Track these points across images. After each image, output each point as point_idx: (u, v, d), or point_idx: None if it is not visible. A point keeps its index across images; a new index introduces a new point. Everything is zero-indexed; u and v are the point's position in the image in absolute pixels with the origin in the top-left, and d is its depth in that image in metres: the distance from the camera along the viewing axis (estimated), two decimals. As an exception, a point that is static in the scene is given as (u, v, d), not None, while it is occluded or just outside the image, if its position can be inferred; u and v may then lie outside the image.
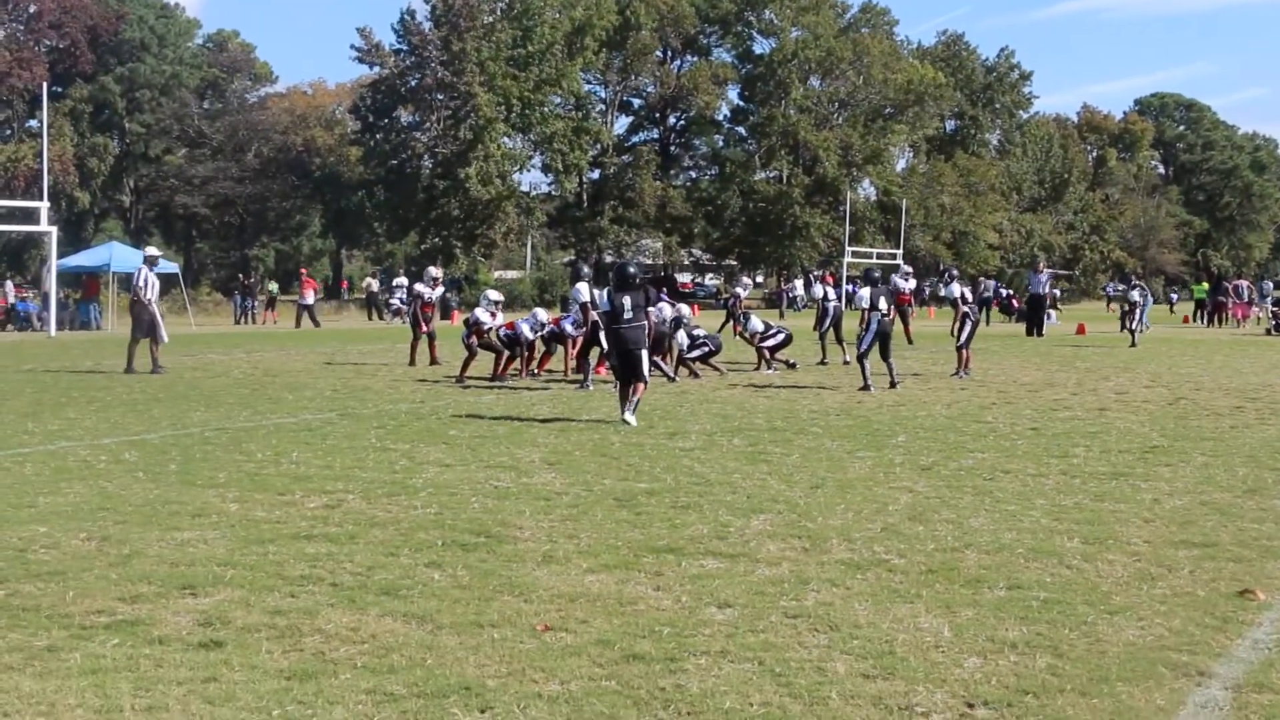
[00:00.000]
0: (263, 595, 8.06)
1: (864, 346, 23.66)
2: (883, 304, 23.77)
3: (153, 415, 18.47)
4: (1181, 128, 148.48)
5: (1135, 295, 42.20)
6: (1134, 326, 39.98)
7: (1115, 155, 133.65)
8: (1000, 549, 9.57)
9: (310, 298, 56.60)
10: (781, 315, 63.39)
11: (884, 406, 20.29)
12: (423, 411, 19.22)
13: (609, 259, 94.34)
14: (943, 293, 29.25)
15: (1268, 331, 50.36)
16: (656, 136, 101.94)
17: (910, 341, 36.64)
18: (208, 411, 19.04)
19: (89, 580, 8.40)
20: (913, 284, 42.94)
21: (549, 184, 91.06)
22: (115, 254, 50.70)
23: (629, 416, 17.66)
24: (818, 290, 32.02)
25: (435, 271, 32.35)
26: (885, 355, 23.76)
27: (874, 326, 23.51)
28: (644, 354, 18.20)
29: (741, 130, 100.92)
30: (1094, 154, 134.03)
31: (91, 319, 50.84)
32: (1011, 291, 74.91)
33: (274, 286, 69.03)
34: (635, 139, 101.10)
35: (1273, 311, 53.00)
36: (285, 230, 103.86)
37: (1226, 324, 58.58)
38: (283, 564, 8.91)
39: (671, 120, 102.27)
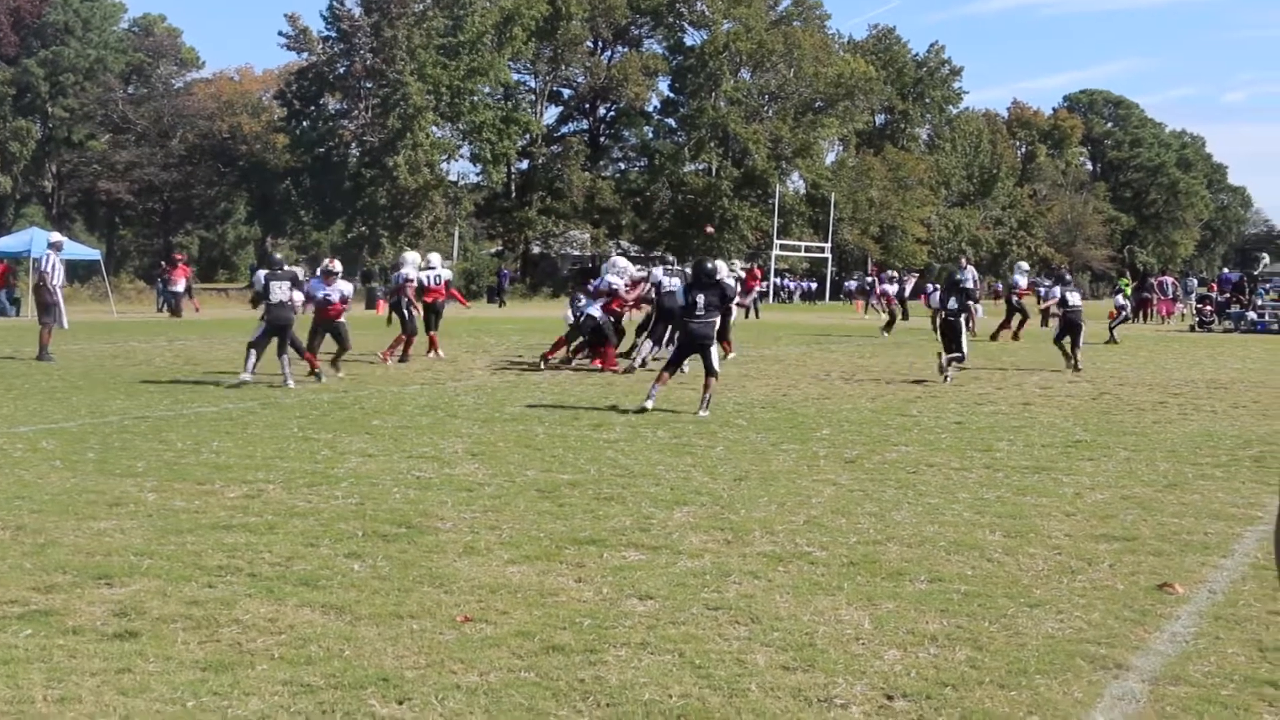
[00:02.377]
0: (179, 585, 7.98)
1: (959, 349, 24.79)
2: (952, 303, 25.02)
3: (71, 403, 18.27)
4: (1110, 124, 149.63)
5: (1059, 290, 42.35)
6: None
7: (1044, 151, 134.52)
8: (922, 542, 9.60)
9: (181, 285, 53.39)
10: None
11: (809, 399, 20.33)
12: (345, 401, 19.10)
13: (536, 250, 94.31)
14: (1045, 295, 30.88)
15: (1192, 328, 50.85)
16: (586, 127, 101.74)
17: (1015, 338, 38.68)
18: (127, 400, 18.86)
19: (2, 570, 8.30)
20: (1023, 281, 43.48)
21: (477, 174, 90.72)
22: (36, 240, 49.98)
23: (703, 412, 17.95)
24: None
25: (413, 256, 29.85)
26: (949, 350, 24.60)
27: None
28: (714, 349, 18.57)
29: (671, 122, 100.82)
30: (1023, 150, 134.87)
31: (4, 305, 50.11)
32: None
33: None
34: (564, 129, 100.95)
35: (1196, 308, 53.55)
36: (210, 218, 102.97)
37: (1151, 320, 59.10)
38: (200, 554, 8.82)
39: (601, 111, 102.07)
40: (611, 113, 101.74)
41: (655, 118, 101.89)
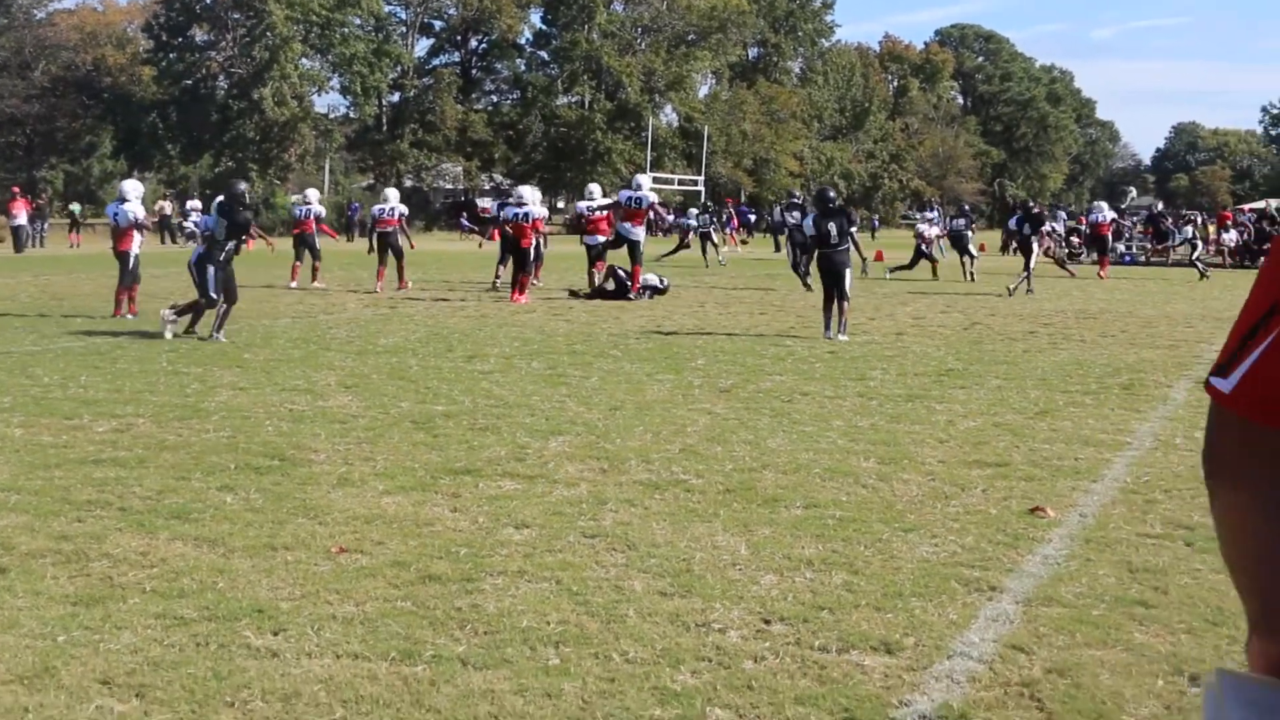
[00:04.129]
0: (48, 520, 7.84)
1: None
2: (1026, 229, 31.07)
3: (-65, 338, 17.92)
4: (980, 59, 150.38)
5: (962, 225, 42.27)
6: (932, 253, 40.41)
7: (916, 85, 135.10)
8: (798, 469, 9.65)
9: (22, 217, 52.56)
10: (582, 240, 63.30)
11: (683, 331, 20.37)
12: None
13: (409, 184, 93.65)
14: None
15: (1061, 262, 51.38)
16: (458, 60, 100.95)
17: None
18: (-7, 334, 18.53)
19: None
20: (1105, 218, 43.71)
21: (348, 106, 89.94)
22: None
23: (842, 335, 19.36)
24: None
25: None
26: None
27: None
28: (848, 274, 19.98)
29: (544, 55, 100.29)
30: (895, 83, 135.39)
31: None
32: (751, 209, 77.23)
33: (76, 208, 66.88)
34: (436, 62, 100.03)
35: (1065, 240, 54.11)
36: (74, 152, 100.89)
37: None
38: (69, 489, 8.68)
39: (473, 43, 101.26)
40: (484, 45, 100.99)
41: (528, 50, 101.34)
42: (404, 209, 29.89)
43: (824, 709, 5.14)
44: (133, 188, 23.07)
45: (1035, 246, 30.53)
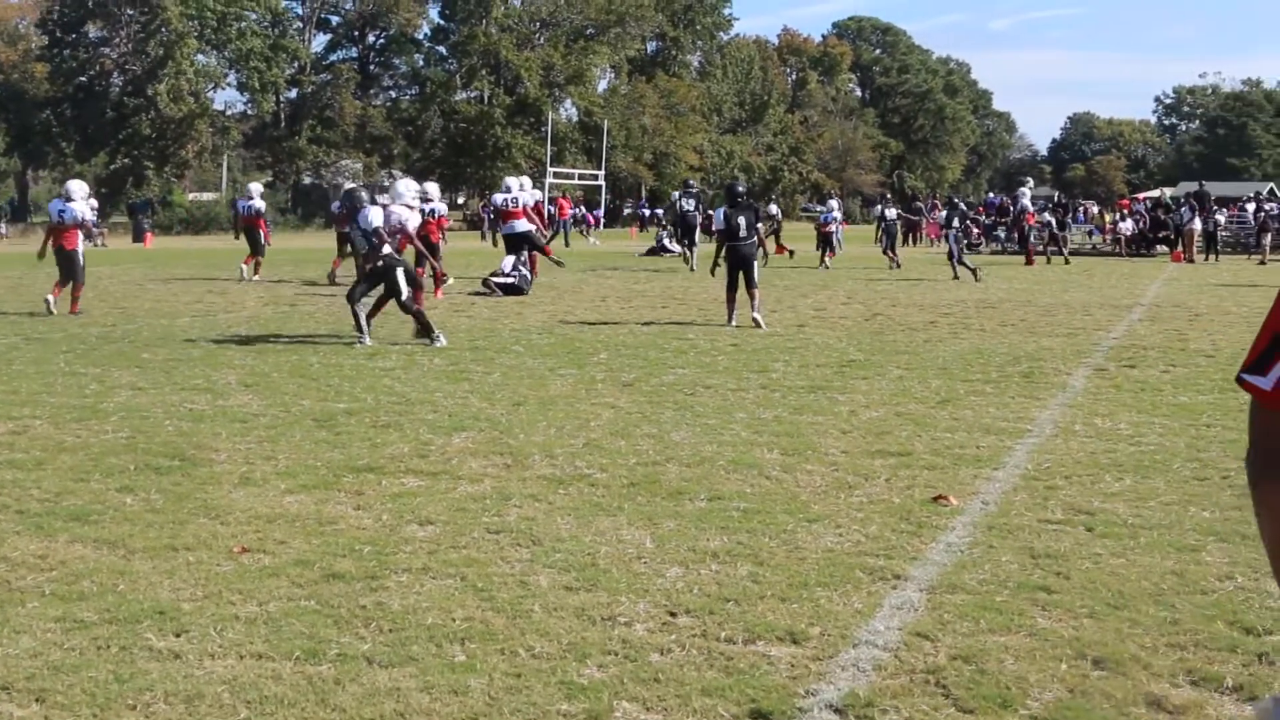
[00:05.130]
0: (-58, 524, 7.74)
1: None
2: (955, 222, 33.87)
3: None
4: (878, 51, 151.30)
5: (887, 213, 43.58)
6: (833, 244, 40.60)
7: (815, 78, 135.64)
8: (701, 461, 9.67)
9: None
10: (483, 237, 63.13)
11: (585, 326, 20.36)
12: (114, 335, 18.67)
13: (307, 180, 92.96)
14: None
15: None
16: (356, 55, 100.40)
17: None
18: (-116, 337, 18.23)
19: None
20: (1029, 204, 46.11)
21: (245, 103, 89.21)
22: None
23: (757, 314, 20.05)
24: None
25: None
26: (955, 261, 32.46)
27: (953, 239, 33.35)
28: (756, 264, 20.66)
29: (442, 49, 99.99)
30: (794, 76, 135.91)
31: None
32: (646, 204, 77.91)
33: None
34: (334, 57, 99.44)
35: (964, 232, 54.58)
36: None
37: (920, 243, 59.96)
38: (-36, 492, 8.56)
39: (371, 38, 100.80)
40: (381, 40, 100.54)
41: (426, 45, 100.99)
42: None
43: (731, 700, 5.16)
44: (78, 188, 23.48)
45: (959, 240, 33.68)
